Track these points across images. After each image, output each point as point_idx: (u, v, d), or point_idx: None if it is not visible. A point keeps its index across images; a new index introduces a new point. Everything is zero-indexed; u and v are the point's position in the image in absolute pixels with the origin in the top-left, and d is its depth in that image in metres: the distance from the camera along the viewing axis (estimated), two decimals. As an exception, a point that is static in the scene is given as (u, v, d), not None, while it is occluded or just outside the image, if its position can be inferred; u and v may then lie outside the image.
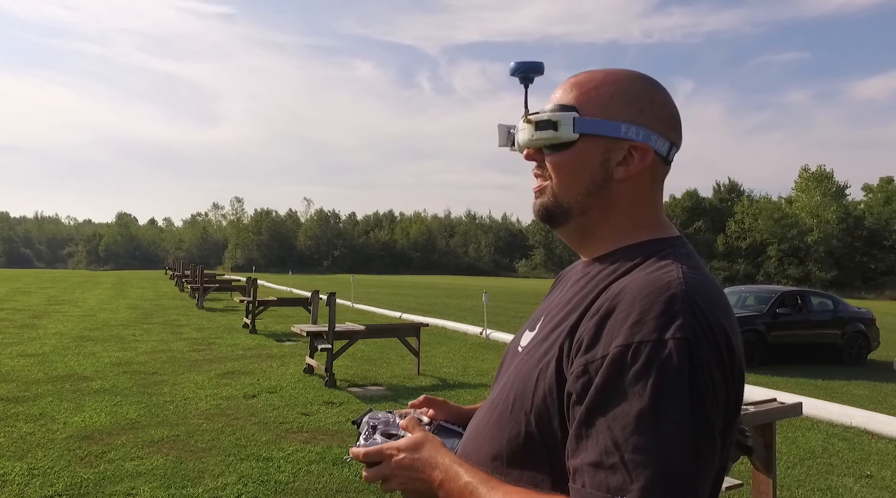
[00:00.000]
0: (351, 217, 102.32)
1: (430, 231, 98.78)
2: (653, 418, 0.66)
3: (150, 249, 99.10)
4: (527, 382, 0.81)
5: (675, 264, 0.78)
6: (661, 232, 0.87)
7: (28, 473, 3.66)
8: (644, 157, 0.84)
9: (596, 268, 0.86)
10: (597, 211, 0.86)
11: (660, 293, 0.72)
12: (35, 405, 5.20)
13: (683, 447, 0.66)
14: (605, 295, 0.77)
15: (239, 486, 3.51)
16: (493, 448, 0.83)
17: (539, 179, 0.90)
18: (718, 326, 0.72)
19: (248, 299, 11.06)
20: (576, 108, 0.84)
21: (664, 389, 0.67)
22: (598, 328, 0.74)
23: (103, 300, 16.60)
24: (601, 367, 0.70)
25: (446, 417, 1.05)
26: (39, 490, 3.40)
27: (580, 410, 0.71)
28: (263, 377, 6.68)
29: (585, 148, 0.84)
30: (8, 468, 3.71)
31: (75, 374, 6.54)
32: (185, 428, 4.63)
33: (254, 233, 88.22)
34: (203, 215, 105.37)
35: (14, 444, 4.19)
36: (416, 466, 0.84)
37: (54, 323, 10.99)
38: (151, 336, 9.67)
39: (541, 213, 0.90)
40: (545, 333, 0.85)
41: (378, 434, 0.94)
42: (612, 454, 0.66)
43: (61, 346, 8.36)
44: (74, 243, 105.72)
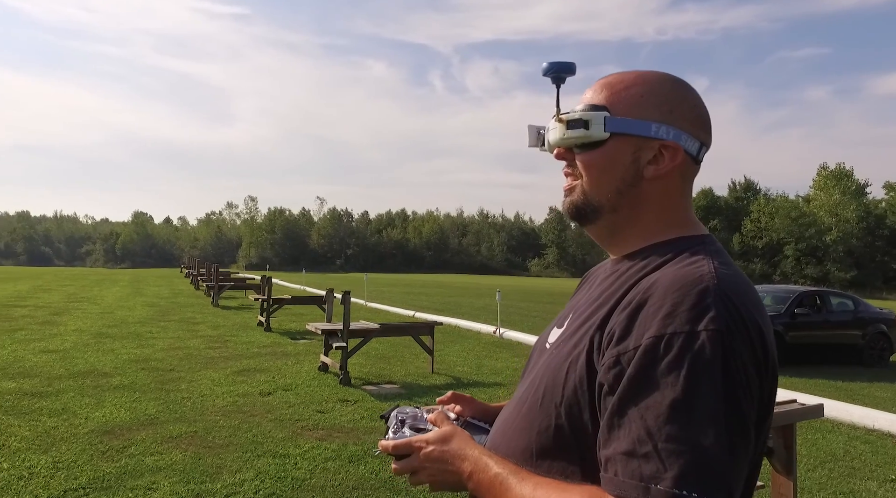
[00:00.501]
0: (364, 216, 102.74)
1: (442, 230, 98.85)
2: (686, 408, 0.66)
3: (166, 247, 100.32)
4: (557, 375, 0.82)
5: (706, 260, 0.78)
6: (690, 230, 0.88)
7: (53, 465, 3.73)
8: (674, 157, 0.85)
9: (625, 265, 0.87)
10: (627, 209, 0.87)
11: (692, 286, 0.73)
12: (57, 400, 5.29)
13: (717, 437, 0.65)
14: (637, 289, 0.78)
15: (256, 482, 3.54)
16: (523, 441, 0.84)
17: (569, 179, 0.92)
18: (751, 319, 0.72)
19: (262, 297, 11.14)
20: (607, 107, 0.86)
21: (697, 380, 0.67)
22: (630, 320, 0.74)
23: (121, 298, 16.83)
24: (633, 357, 0.71)
25: (473, 413, 1.05)
26: (64, 483, 3.46)
27: (612, 400, 0.71)
28: (279, 375, 6.73)
29: (616, 147, 0.86)
30: (34, 461, 3.79)
31: (95, 370, 6.64)
32: (203, 424, 4.68)
33: (267, 232, 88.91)
34: (217, 214, 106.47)
35: (39, 437, 4.26)
36: (445, 459, 0.85)
37: (74, 320, 11.17)
38: (168, 333, 9.79)
39: (571, 211, 0.91)
40: (574, 329, 0.86)
41: (407, 428, 0.95)
42: (645, 443, 0.66)
43: (81, 342, 8.49)
44: (92, 242, 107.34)
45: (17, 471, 3.63)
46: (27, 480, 3.51)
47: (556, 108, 0.91)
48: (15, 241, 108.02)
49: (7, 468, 3.67)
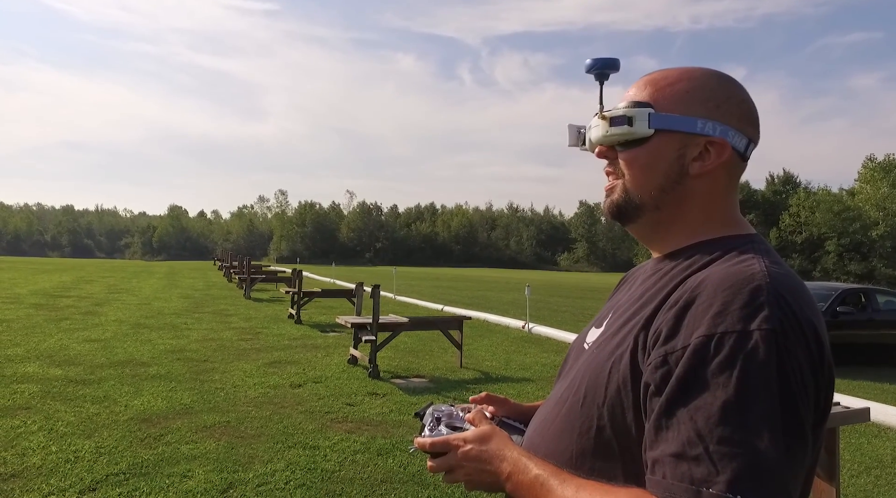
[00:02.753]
0: (393, 209, 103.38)
1: (471, 224, 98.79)
2: (739, 410, 0.63)
3: (200, 240, 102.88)
4: (599, 375, 0.80)
5: (756, 258, 0.76)
6: (737, 228, 0.86)
7: (96, 450, 3.86)
8: (721, 153, 0.83)
9: (669, 264, 0.85)
10: (670, 207, 0.85)
11: (744, 284, 0.70)
12: (99, 388, 5.47)
13: (773, 440, 0.63)
14: (683, 287, 0.75)
15: (287, 472, 3.59)
16: (563, 442, 0.82)
17: (610, 178, 0.90)
18: (806, 319, 0.70)
19: (293, 290, 11.31)
20: (651, 104, 0.84)
21: (750, 381, 0.64)
22: (678, 319, 0.72)
23: (157, 289, 17.32)
24: (682, 357, 0.68)
25: (507, 413, 1.04)
26: (106, 467, 3.58)
27: (659, 401, 0.69)
28: (309, 367, 6.82)
29: (660, 143, 0.84)
30: (79, 446, 3.94)
31: (134, 359, 6.84)
32: (236, 414, 4.78)
33: (298, 225, 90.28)
34: (249, 208, 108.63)
35: (83, 423, 4.42)
36: (483, 458, 0.84)
37: (114, 310, 11.54)
38: (202, 325, 10.02)
39: (612, 210, 0.90)
40: (615, 328, 0.84)
41: (443, 425, 0.94)
42: (695, 445, 0.64)
43: (121, 332, 8.76)
44: (130, 235, 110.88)
45: (64, 454, 3.78)
46: (73, 463, 3.65)
47: (599, 106, 0.90)
48: (60, 234, 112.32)
49: (55, 451, 3.82)
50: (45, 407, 4.82)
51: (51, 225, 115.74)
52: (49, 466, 3.60)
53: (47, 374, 5.97)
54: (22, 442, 4.00)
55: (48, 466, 3.58)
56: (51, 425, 4.35)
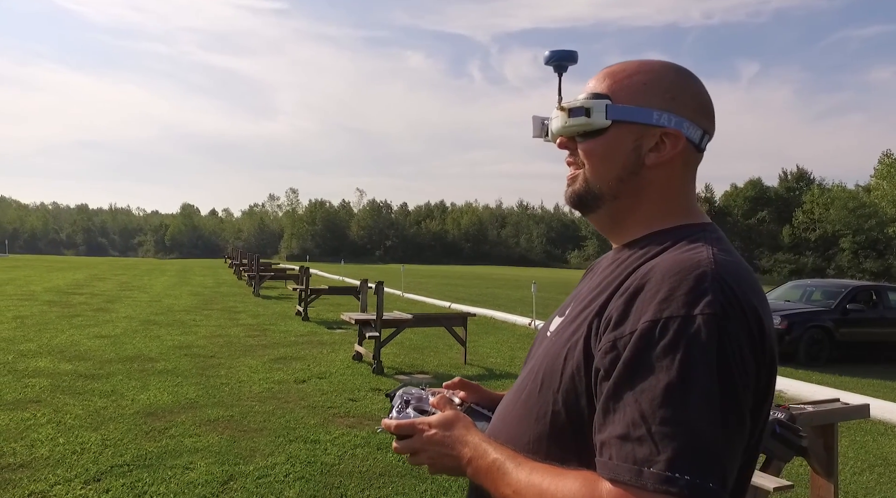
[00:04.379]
0: (402, 207, 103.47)
1: (481, 221, 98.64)
2: (680, 391, 0.66)
3: (212, 238, 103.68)
4: (555, 362, 0.83)
5: (705, 246, 0.78)
6: (692, 218, 0.88)
7: (102, 442, 3.94)
8: (676, 144, 0.85)
9: (626, 253, 0.87)
10: (628, 197, 0.87)
11: (689, 271, 0.72)
12: (108, 382, 5.57)
13: (711, 420, 0.65)
14: (635, 275, 0.78)
15: (287, 466, 3.64)
16: (522, 428, 0.85)
17: (572, 168, 0.92)
18: (748, 304, 0.72)
19: (300, 287, 11.39)
20: (609, 96, 0.86)
21: (692, 363, 0.66)
22: (627, 305, 0.74)
23: (168, 287, 17.51)
24: (629, 342, 0.70)
25: (477, 400, 1.06)
26: (111, 459, 3.66)
27: (608, 385, 0.71)
28: (314, 363, 6.88)
29: (618, 134, 0.86)
30: (85, 438, 4.02)
31: (142, 355, 6.94)
32: (240, 409, 4.84)
33: (308, 223, 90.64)
34: (260, 206, 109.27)
35: (90, 416, 4.51)
36: (446, 443, 0.86)
37: (125, 307, 11.69)
38: (210, 321, 10.13)
39: (572, 199, 0.92)
40: (573, 316, 0.86)
41: (411, 408, 0.96)
42: (639, 426, 0.66)
43: (131, 329, 8.89)
44: (143, 233, 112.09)
45: (71, 446, 3.86)
46: (79, 454, 3.72)
47: (558, 97, 0.93)
48: (75, 233, 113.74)
49: (63, 443, 3.91)
50: (54, 400, 4.91)
51: (66, 224, 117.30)
52: (56, 457, 3.68)
53: (58, 368, 6.07)
54: (31, 434, 4.08)
55: (55, 457, 3.66)
56: (59, 418, 4.43)
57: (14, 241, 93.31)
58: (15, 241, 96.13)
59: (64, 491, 3.21)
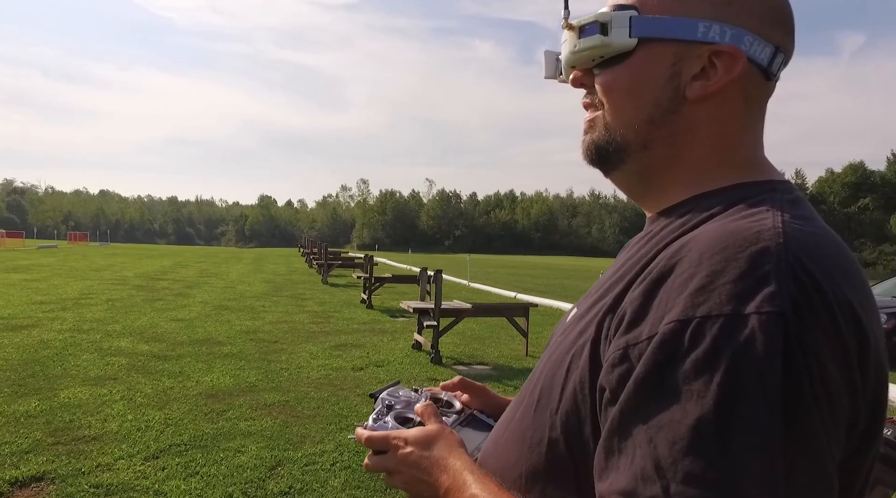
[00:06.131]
0: (472, 197, 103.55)
1: (551, 211, 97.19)
2: (718, 433, 0.44)
3: (287, 228, 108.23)
4: (556, 372, 0.62)
5: (771, 211, 0.54)
6: (755, 173, 0.63)
7: (164, 421, 4.09)
8: (731, 67, 0.61)
9: (660, 224, 0.64)
10: (663, 145, 0.64)
11: (742, 247, 0.49)
12: (177, 364, 5.82)
13: (767, 482, 0.43)
14: (663, 254, 0.55)
15: (335, 454, 3.62)
16: (513, 456, 0.65)
17: (589, 110, 0.69)
18: (839, 297, 0.48)
19: (365, 276, 11.53)
20: (634, 5, 0.64)
21: (739, 389, 0.44)
22: (647, 297, 0.52)
23: (243, 274, 18.35)
24: (646, 351, 0.49)
25: (482, 406, 0.88)
26: (171, 438, 3.78)
27: (614, 412, 0.50)
28: (373, 351, 6.90)
29: (646, 58, 0.63)
30: (151, 416, 4.19)
31: (211, 338, 7.23)
32: (295, 394, 4.90)
33: (379, 213, 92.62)
34: (333, 197, 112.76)
35: (157, 395, 4.71)
36: (422, 466, 0.68)
37: (202, 293, 12.32)
38: (278, 308, 10.45)
39: (589, 152, 0.69)
40: (585, 309, 0.65)
41: (391, 416, 0.79)
42: (651, 482, 0.45)
43: (204, 313, 9.32)
44: (225, 223, 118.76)
45: (137, 423, 4.03)
46: (143, 431, 3.88)
47: (564, 11, 0.69)
48: (166, 223, 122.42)
49: (130, 420, 4.09)
50: (129, 379, 5.18)
51: (158, 215, 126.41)
52: (123, 432, 3.85)
53: (136, 349, 6.43)
54: (105, 409, 4.31)
55: (122, 433, 3.83)
56: (131, 396, 4.66)
57: (116, 231, 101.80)
58: (117, 230, 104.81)
59: (126, 466, 3.33)
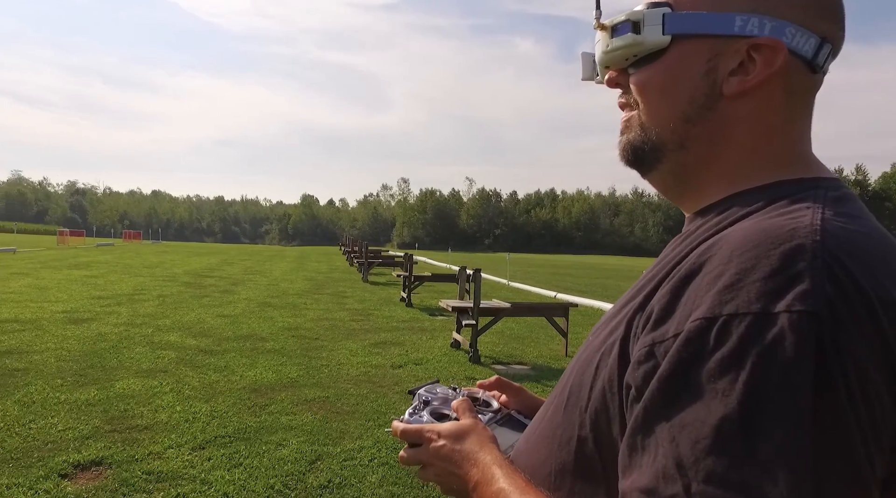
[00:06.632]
0: (512, 196, 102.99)
1: (592, 210, 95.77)
2: (743, 434, 0.43)
3: (329, 227, 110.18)
4: (585, 371, 0.62)
5: (811, 208, 0.52)
6: (799, 170, 0.60)
7: (210, 414, 4.22)
8: (772, 60, 0.58)
9: (696, 223, 0.63)
10: (699, 143, 0.63)
11: (775, 244, 0.48)
12: (222, 358, 6.00)
13: (795, 489, 0.41)
14: (694, 252, 0.55)
15: (373, 450, 3.66)
16: (542, 454, 0.66)
17: (625, 110, 0.68)
18: (883, 298, 0.46)
19: (404, 274, 11.62)
20: (668, 3, 0.62)
21: (767, 390, 0.43)
22: (674, 295, 0.52)
23: (286, 272, 18.78)
24: (671, 349, 0.48)
25: (519, 406, 0.88)
26: (216, 430, 3.91)
27: (637, 409, 0.50)
28: (412, 349, 6.95)
29: (681, 55, 0.62)
30: (198, 408, 4.34)
31: (255, 334, 7.43)
32: (335, 391, 4.98)
33: (419, 212, 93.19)
34: (374, 196, 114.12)
35: (204, 388, 4.87)
36: (454, 459, 0.70)
37: (246, 290, 12.67)
38: (319, 305, 10.64)
39: (626, 153, 0.68)
40: (617, 309, 0.64)
41: (427, 411, 0.82)
42: (672, 481, 0.45)
43: (248, 310, 9.58)
44: (269, 222, 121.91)
45: (185, 414, 4.18)
46: (191, 422, 4.02)
47: (596, 11, 0.68)
48: (213, 222, 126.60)
49: (179, 411, 4.25)
50: (178, 372, 5.37)
51: (206, 214, 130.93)
52: (172, 423, 3.99)
53: (184, 343, 6.66)
54: (156, 400, 4.48)
55: (172, 423, 3.98)
56: (179, 388, 4.83)
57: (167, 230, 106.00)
58: (168, 229, 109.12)
59: (175, 455, 3.46)
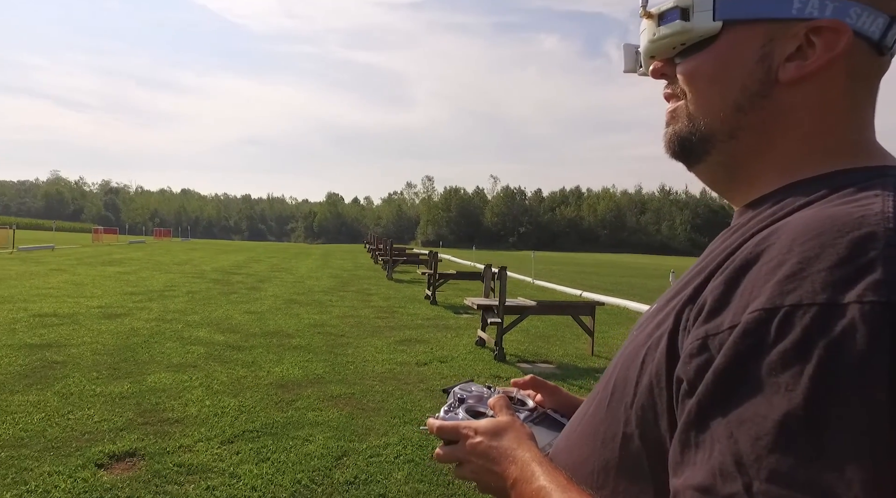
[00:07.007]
0: (537, 194, 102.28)
1: (618, 207, 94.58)
2: (810, 431, 0.40)
3: (354, 225, 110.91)
4: (630, 366, 0.59)
5: (882, 196, 0.49)
6: (862, 159, 0.56)
7: (238, 408, 4.28)
8: (834, 43, 0.54)
9: (747, 215, 0.59)
10: (752, 133, 0.59)
11: (842, 232, 0.45)
12: (249, 354, 6.08)
13: (865, 489, 0.38)
14: (749, 242, 0.51)
15: (399, 447, 3.65)
16: (585, 451, 0.63)
17: (671, 101, 0.65)
18: None
19: (429, 272, 11.63)
20: None
21: (836, 385, 0.40)
22: (729, 286, 0.48)
23: (311, 269, 18.98)
24: (727, 341, 0.45)
25: (555, 405, 0.86)
26: (244, 424, 3.95)
27: (690, 404, 0.47)
28: (437, 347, 6.94)
29: (733, 42, 0.58)
30: (226, 403, 4.40)
31: (281, 331, 7.51)
32: (361, 387, 5.00)
33: (443, 210, 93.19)
34: (398, 194, 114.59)
35: (232, 383, 4.94)
36: (491, 456, 0.69)
37: (273, 287, 12.83)
38: (345, 302, 10.72)
39: (672, 144, 0.65)
40: (663, 303, 0.61)
41: (462, 409, 0.80)
42: (731, 478, 0.42)
43: (275, 307, 9.69)
44: (295, 220, 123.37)
45: (214, 409, 4.24)
46: (220, 417, 4.08)
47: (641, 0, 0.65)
48: (240, 220, 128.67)
49: (208, 405, 4.32)
50: (207, 366, 5.46)
51: (233, 212, 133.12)
52: (202, 417, 4.06)
53: (213, 339, 6.77)
54: (186, 394, 4.56)
55: (201, 417, 4.04)
56: (208, 383, 4.90)
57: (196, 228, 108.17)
58: (197, 227, 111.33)
59: (205, 448, 3.51)
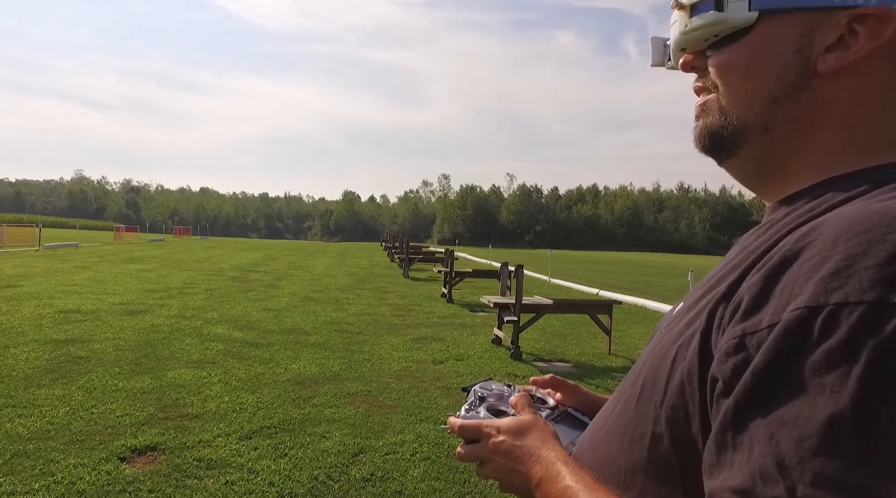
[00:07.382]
0: (553, 192, 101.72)
1: (636, 205, 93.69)
2: (858, 434, 0.38)
3: (370, 223, 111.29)
4: (660, 364, 0.57)
5: None
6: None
7: (256, 404, 4.32)
8: (879, 31, 0.52)
9: (782, 211, 0.57)
10: (787, 126, 0.57)
11: (892, 227, 0.43)
12: (267, 351, 6.13)
13: None
14: (788, 238, 0.49)
15: (415, 444, 3.66)
16: (612, 451, 0.61)
17: (702, 95, 0.63)
18: None
19: (445, 270, 11.62)
20: None
21: (886, 387, 0.38)
22: (768, 283, 0.47)
23: (328, 267, 19.10)
24: (766, 340, 0.44)
25: (577, 404, 0.85)
26: (262, 420, 3.99)
27: (727, 404, 0.45)
28: (453, 344, 6.93)
29: (769, 33, 0.56)
30: (244, 399, 4.44)
31: (298, 328, 7.56)
32: (377, 385, 5.01)
33: (459, 208, 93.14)
34: (414, 192, 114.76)
35: (250, 380, 4.98)
36: (515, 455, 0.68)
37: (290, 285, 12.93)
38: (361, 300, 10.77)
39: (702, 138, 0.63)
40: (693, 301, 0.59)
41: (483, 407, 0.80)
42: (773, 481, 0.40)
43: (292, 304, 9.77)
44: (312, 218, 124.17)
45: (232, 405, 4.29)
46: (238, 413, 4.12)
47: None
48: (258, 218, 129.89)
49: (227, 401, 4.36)
50: (225, 363, 5.52)
51: (251, 210, 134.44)
52: (221, 412, 4.10)
53: (231, 336, 6.84)
54: (205, 390, 4.61)
55: (220, 413, 4.08)
56: (227, 379, 4.96)
57: (214, 226, 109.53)
58: (215, 225, 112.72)
59: (223, 443, 3.55)
